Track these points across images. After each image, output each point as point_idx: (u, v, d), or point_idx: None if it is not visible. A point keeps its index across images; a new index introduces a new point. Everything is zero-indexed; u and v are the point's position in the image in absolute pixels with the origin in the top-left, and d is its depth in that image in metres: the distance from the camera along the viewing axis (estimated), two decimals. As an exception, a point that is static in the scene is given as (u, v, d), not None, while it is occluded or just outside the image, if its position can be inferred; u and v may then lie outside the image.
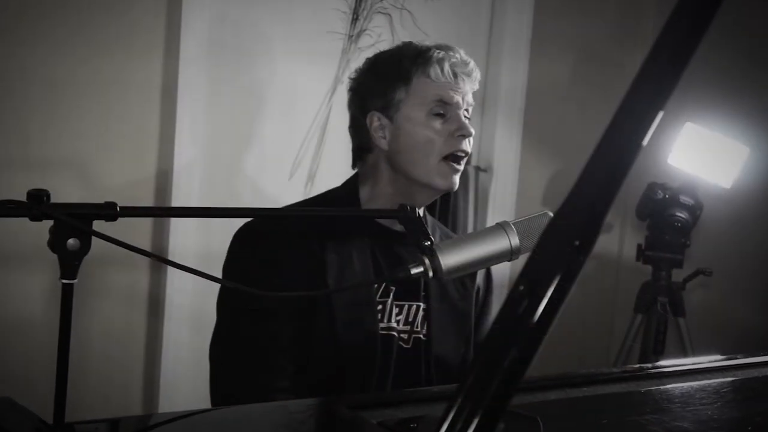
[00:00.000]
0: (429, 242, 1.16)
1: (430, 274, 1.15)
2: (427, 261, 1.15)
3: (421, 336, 1.51)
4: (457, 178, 1.49)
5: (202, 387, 1.48)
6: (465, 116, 1.50)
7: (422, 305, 1.52)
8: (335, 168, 2.49)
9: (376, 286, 1.49)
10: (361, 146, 1.54)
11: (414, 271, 1.15)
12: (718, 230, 3.19)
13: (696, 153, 2.71)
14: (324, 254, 1.45)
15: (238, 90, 2.53)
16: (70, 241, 0.98)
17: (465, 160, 1.50)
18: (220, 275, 1.46)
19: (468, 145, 1.50)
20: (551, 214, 1.15)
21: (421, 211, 1.53)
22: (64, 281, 0.98)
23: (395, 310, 1.49)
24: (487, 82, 2.97)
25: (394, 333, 1.49)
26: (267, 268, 1.45)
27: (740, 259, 3.31)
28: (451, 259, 1.15)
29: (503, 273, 2.80)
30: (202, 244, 2.41)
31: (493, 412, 0.53)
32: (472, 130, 1.49)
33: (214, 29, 2.43)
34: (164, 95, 2.37)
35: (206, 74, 2.42)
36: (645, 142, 0.56)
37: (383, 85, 1.49)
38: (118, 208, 1.02)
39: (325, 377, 1.45)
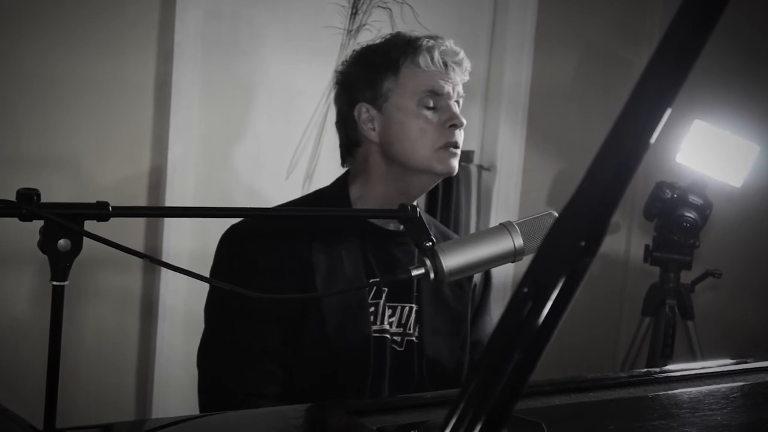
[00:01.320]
0: (430, 243, 1.14)
1: (432, 276, 1.13)
2: (428, 262, 1.12)
3: (414, 338, 1.48)
4: (455, 162, 1.46)
5: (195, 389, 1.46)
6: (456, 107, 1.47)
7: (414, 306, 1.49)
8: (333, 167, 2.45)
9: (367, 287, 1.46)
10: (349, 140, 1.51)
11: (415, 273, 1.13)
12: (728, 230, 3.15)
13: (705, 151, 2.67)
14: (311, 256, 1.42)
15: (233, 87, 2.51)
16: (61, 241, 0.97)
17: (459, 148, 1.47)
18: (209, 279, 1.43)
19: (460, 136, 1.47)
20: (556, 214, 1.12)
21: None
22: (54, 283, 0.97)
23: (388, 312, 1.47)
24: (490, 79, 2.94)
25: (387, 335, 1.46)
26: (253, 272, 1.42)
27: (751, 260, 3.28)
28: (453, 260, 1.13)
29: (506, 274, 2.78)
30: (196, 244, 2.38)
31: (497, 417, 0.52)
32: (464, 120, 1.46)
33: (208, 25, 2.41)
34: (158, 93, 2.35)
35: (201, 71, 2.40)
36: (653, 140, 0.55)
37: (371, 74, 1.47)
38: (110, 208, 1.01)
39: (317, 381, 1.43)
